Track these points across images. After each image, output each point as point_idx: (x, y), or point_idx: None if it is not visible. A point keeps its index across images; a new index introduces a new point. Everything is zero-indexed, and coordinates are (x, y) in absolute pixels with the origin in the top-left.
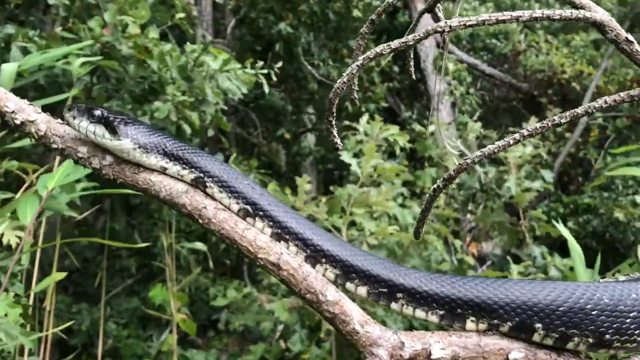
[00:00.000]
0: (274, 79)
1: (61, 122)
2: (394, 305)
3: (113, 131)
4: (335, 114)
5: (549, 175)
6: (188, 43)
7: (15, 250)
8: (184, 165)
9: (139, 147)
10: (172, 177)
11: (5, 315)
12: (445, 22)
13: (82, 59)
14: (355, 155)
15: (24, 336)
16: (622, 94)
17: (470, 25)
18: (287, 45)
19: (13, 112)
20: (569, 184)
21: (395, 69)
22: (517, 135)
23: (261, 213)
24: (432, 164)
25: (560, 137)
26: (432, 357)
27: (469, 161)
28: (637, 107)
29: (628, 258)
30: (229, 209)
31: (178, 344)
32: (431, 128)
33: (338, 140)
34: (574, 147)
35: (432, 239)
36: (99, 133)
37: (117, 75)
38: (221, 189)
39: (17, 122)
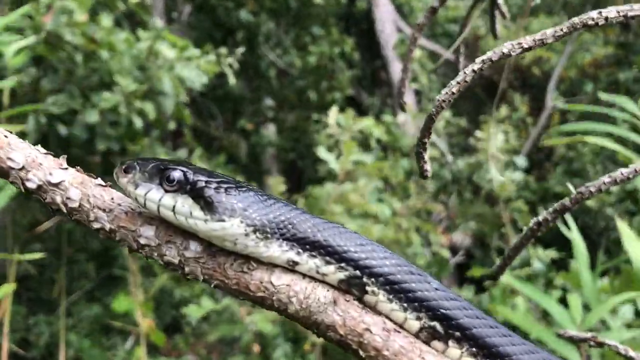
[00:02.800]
0: (234, 66)
1: (103, 184)
2: None
3: (207, 205)
4: (430, 135)
5: (522, 161)
6: (141, 30)
7: None
8: (327, 257)
9: (254, 232)
10: (305, 275)
11: None
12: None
13: (16, 45)
14: (329, 150)
15: None
16: None
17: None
18: (249, 33)
19: (22, 168)
20: (532, 169)
21: (356, 56)
22: None
23: (458, 334)
24: (404, 155)
25: (523, 122)
26: None
27: (592, 189)
28: (597, 92)
29: (599, 244)
30: (404, 329)
31: (148, 353)
32: (398, 117)
33: (428, 167)
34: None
35: (413, 236)
36: (184, 210)
37: (66, 67)
38: (391, 295)
39: (31, 185)
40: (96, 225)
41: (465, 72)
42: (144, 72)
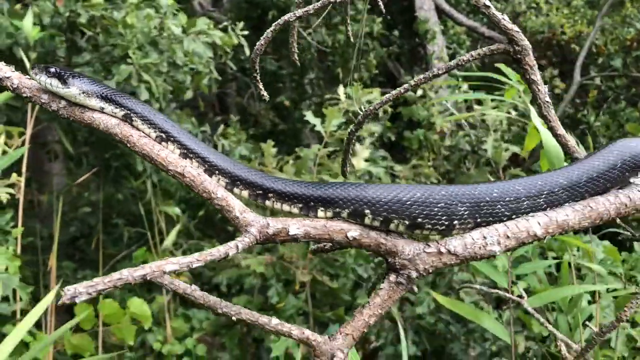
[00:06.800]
0: (242, 37)
1: (29, 77)
2: (267, 203)
3: (64, 82)
4: (258, 71)
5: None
6: (149, 9)
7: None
8: (116, 106)
9: (82, 93)
10: (108, 114)
11: (6, 269)
12: None
13: (30, 17)
14: (339, 127)
15: (21, 289)
16: None
17: None
18: (281, 12)
19: None
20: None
21: (395, 33)
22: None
23: (172, 138)
24: (420, 127)
25: (559, 98)
26: (290, 233)
27: (412, 83)
28: (633, 66)
29: None
30: (149, 137)
31: (180, 304)
32: (421, 91)
33: (264, 92)
34: (572, 109)
35: None
36: (54, 84)
37: (91, 44)
38: (143, 122)
39: None
40: (24, 94)
41: (270, 30)
42: (156, 47)
